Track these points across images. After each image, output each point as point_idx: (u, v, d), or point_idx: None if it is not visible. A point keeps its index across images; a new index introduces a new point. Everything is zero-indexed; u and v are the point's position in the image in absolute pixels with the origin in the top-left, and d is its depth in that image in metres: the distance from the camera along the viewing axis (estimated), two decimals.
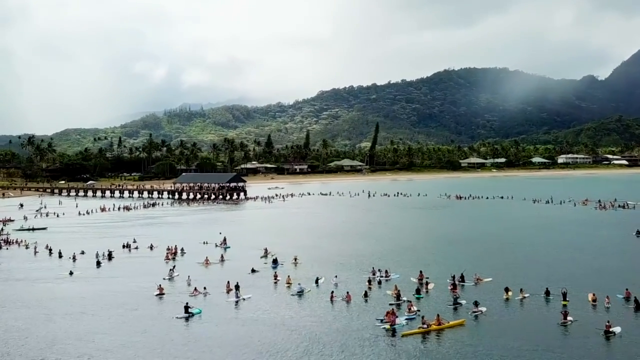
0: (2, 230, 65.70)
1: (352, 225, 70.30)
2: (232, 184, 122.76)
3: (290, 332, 26.97)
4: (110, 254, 47.38)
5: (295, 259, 43.86)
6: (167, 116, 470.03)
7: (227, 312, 30.89)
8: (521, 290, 32.38)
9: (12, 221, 75.52)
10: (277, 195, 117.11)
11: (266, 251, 47.09)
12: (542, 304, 30.85)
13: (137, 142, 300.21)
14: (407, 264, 42.41)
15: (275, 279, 37.60)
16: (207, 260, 44.32)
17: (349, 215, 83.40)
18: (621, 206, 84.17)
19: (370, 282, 35.93)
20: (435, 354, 24.01)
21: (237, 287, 34.07)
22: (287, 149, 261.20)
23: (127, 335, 27.05)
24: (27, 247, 53.53)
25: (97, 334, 27.28)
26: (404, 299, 31.55)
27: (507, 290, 32.43)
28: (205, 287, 34.85)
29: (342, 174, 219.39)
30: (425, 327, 26.61)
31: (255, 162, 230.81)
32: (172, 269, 40.77)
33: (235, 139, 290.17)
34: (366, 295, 32.87)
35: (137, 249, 51.81)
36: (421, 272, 37.08)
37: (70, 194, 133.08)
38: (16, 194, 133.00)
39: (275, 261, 43.19)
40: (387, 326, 27.02)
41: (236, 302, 32.61)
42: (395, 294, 32.29)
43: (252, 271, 40.37)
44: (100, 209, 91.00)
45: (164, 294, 34.13)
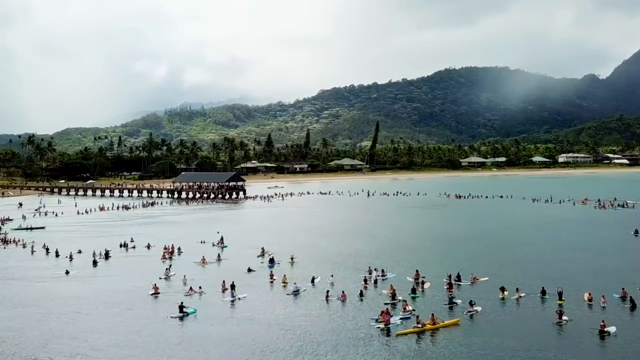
0: (0, 229, 65.67)
1: (350, 224, 70.20)
2: (231, 183, 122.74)
3: (284, 331, 26.91)
4: (107, 253, 47.39)
5: (291, 258, 43.81)
6: (167, 115, 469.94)
7: (222, 312, 30.81)
8: (517, 289, 32.33)
9: (11, 220, 75.55)
10: (276, 194, 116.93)
11: (263, 250, 47.01)
12: (537, 304, 30.76)
13: (137, 141, 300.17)
14: (404, 263, 42.32)
15: (271, 278, 37.58)
16: (203, 259, 44.26)
17: (348, 214, 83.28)
18: (620, 205, 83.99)
19: (366, 281, 35.85)
20: (429, 354, 23.96)
21: (232, 286, 34.08)
22: (287, 148, 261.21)
23: (121, 334, 27.01)
24: (25, 246, 53.54)
25: (91, 333, 27.27)
26: (399, 298, 31.47)
27: (503, 289, 32.37)
28: (200, 287, 34.82)
29: (342, 173, 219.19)
30: (419, 326, 26.55)
31: (255, 161, 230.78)
32: (168, 268, 40.74)
33: (236, 138, 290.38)
34: (362, 294, 32.82)
35: (134, 248, 51.78)
36: (417, 271, 37.02)
37: (69, 193, 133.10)
38: (16, 193, 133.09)
39: (271, 260, 43.13)
40: (382, 325, 26.99)
41: (232, 301, 32.56)
42: (390, 293, 32.22)
43: (249, 270, 40.36)
44: (99, 208, 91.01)
45: (159, 293, 34.11)
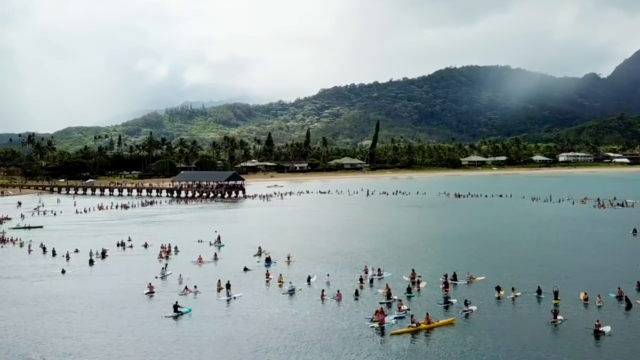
0: None
1: (349, 223, 70.03)
2: (230, 182, 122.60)
3: (279, 331, 26.82)
4: (104, 253, 47.29)
5: (288, 257, 43.71)
6: (168, 114, 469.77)
7: (217, 311, 30.72)
8: (513, 289, 32.21)
9: (9, 219, 75.46)
10: (275, 193, 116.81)
11: (260, 249, 46.88)
12: (533, 303, 30.64)
13: (138, 140, 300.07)
14: (401, 262, 42.22)
15: (267, 277, 37.47)
16: (200, 258, 44.18)
17: (346, 213, 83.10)
18: (620, 204, 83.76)
19: (362, 280, 35.73)
20: (423, 353, 23.86)
21: (228, 285, 34.01)
22: (288, 147, 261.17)
23: (115, 333, 26.94)
24: (22, 246, 53.47)
25: (84, 333, 27.22)
26: (394, 297, 31.37)
27: (499, 289, 32.25)
28: (195, 286, 34.73)
29: (342, 172, 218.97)
30: (414, 326, 26.45)
31: (255, 160, 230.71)
32: (164, 268, 40.64)
33: (236, 137, 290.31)
34: (357, 293, 32.71)
35: (131, 247, 51.68)
36: (413, 270, 36.89)
37: (69, 193, 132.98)
38: (15, 192, 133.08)
39: (268, 259, 43.02)
40: (376, 325, 26.89)
41: (227, 300, 32.47)
42: (385, 292, 32.11)
43: (245, 270, 40.27)
44: (97, 208, 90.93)
45: (154, 293, 34.02)
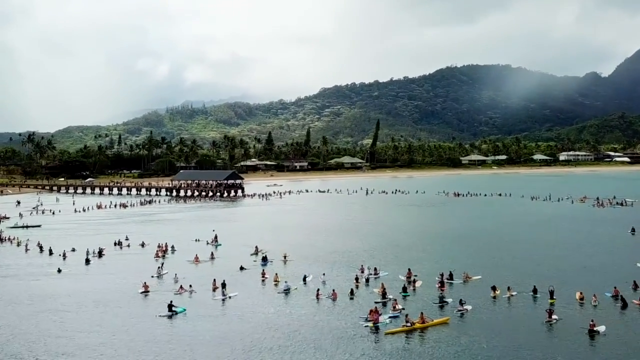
0: None
1: (347, 222, 69.93)
2: (229, 181, 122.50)
3: (273, 330, 26.74)
4: (100, 252, 47.22)
5: (284, 256, 43.62)
6: (169, 113, 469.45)
7: (211, 310, 30.65)
8: (508, 288, 32.13)
9: (8, 218, 75.39)
10: (274, 192, 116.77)
11: (257, 249, 46.77)
12: (529, 302, 30.58)
13: (139, 139, 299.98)
14: (398, 261, 42.13)
15: (263, 276, 37.40)
16: (196, 257, 44.09)
17: (345, 212, 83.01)
18: (619, 204, 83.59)
19: (357, 279, 35.65)
20: (417, 353, 23.78)
21: (223, 285, 33.94)
22: (288, 146, 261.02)
23: (109, 333, 26.88)
24: (19, 245, 53.42)
25: (78, 332, 27.18)
26: (389, 297, 31.27)
27: (495, 288, 32.16)
28: (190, 285, 34.66)
29: (342, 171, 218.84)
30: (408, 325, 26.37)
31: (255, 160, 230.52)
32: (160, 267, 40.57)
33: (237, 136, 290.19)
34: (352, 293, 32.61)
35: (128, 246, 51.62)
36: (409, 269, 36.81)
37: (68, 192, 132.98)
38: (15, 191, 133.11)
39: (264, 259, 42.95)
40: (371, 324, 26.81)
41: (222, 300, 32.41)
42: (381, 292, 32.02)
43: (241, 269, 40.23)
44: (96, 207, 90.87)
45: (149, 292, 33.96)
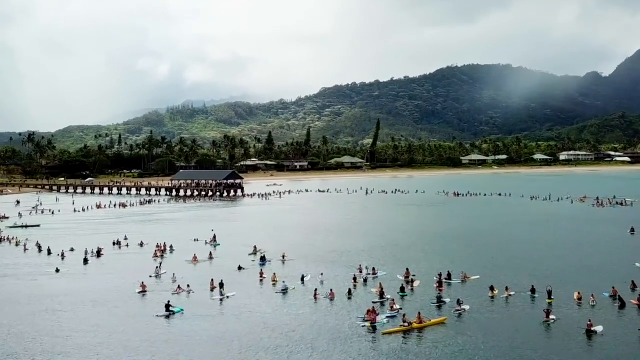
0: None
1: (346, 221, 69.84)
2: (229, 181, 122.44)
3: (270, 330, 26.70)
4: (99, 251, 47.20)
5: (283, 256, 43.57)
6: (169, 113, 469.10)
7: (208, 310, 30.59)
8: (506, 288, 32.05)
9: (7, 218, 75.33)
10: (273, 192, 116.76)
11: (255, 248, 46.72)
12: (526, 302, 30.51)
13: (139, 139, 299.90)
14: (397, 261, 42.09)
15: (260, 276, 37.35)
16: (195, 257, 44.07)
17: (344, 211, 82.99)
18: (619, 203, 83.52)
19: (355, 279, 35.59)
20: (414, 352, 23.71)
21: (221, 284, 33.85)
22: (288, 146, 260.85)
23: (106, 333, 26.84)
24: (17, 244, 53.38)
25: (75, 331, 27.16)
26: (387, 296, 31.21)
27: (492, 288, 32.10)
28: (188, 285, 34.62)
29: (341, 171, 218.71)
30: (405, 325, 26.31)
31: (254, 159, 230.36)
32: (158, 267, 40.51)
33: (237, 135, 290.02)
34: (350, 292, 32.55)
35: (127, 246, 51.56)
36: (407, 269, 36.74)
37: (68, 191, 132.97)
38: (14, 190, 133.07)
39: (263, 258, 42.90)
40: (368, 324, 26.76)
41: (220, 299, 32.35)
42: (378, 291, 31.96)
43: (239, 268, 40.18)
44: (95, 206, 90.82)
45: (146, 292, 33.91)
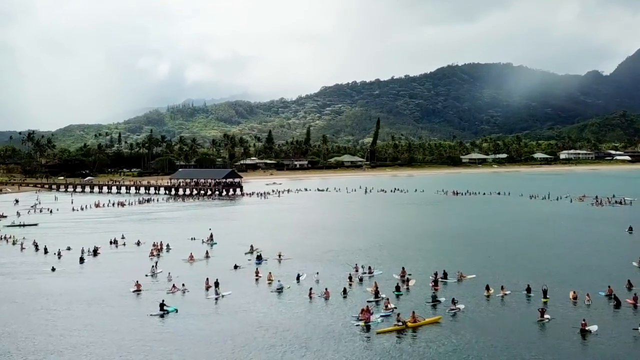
0: None
1: (344, 221, 69.75)
2: (228, 180, 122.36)
3: (264, 329, 26.62)
4: (95, 250, 47.15)
5: (279, 255, 43.51)
6: (170, 112, 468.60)
7: (203, 309, 30.52)
8: (502, 287, 31.97)
9: (5, 217, 75.26)
10: (273, 191, 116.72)
11: (252, 247, 46.64)
12: (522, 302, 30.42)
13: (140, 138, 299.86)
14: (394, 260, 42.00)
15: (256, 275, 37.28)
16: (191, 256, 44.02)
17: (343, 211, 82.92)
18: (618, 202, 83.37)
19: (351, 278, 35.50)
20: (408, 352, 23.64)
21: (216, 284, 33.81)
22: (288, 145, 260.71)
23: (99, 332, 26.78)
24: (15, 243, 53.34)
25: (69, 331, 27.14)
26: (382, 296, 31.11)
27: (488, 287, 32.00)
28: (183, 284, 34.53)
29: (342, 170, 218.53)
30: (400, 324, 26.21)
31: (255, 158, 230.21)
32: (154, 266, 40.45)
33: (238, 134, 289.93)
34: (345, 292, 32.45)
35: (124, 245, 51.54)
36: (403, 268, 36.65)
37: (67, 190, 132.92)
38: (14, 189, 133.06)
39: (259, 257, 42.84)
40: (362, 324, 26.66)
41: (215, 299, 32.28)
42: (373, 291, 31.86)
43: (235, 267, 40.11)
44: (94, 205, 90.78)
45: (141, 291, 33.85)
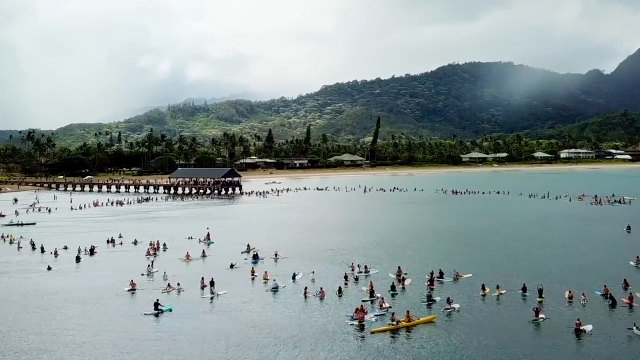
0: None
1: (342, 220, 69.61)
2: (227, 179, 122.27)
3: (258, 329, 26.58)
4: (92, 249, 47.10)
5: (275, 254, 43.41)
6: (170, 111, 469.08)
7: (198, 309, 30.44)
8: (497, 286, 31.86)
9: (3, 216, 75.25)
10: (272, 190, 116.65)
11: (248, 247, 46.54)
12: (517, 301, 30.33)
13: (141, 137, 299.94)
14: (390, 259, 41.92)
15: (252, 274, 37.19)
16: (187, 255, 43.94)
17: (341, 210, 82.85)
18: (617, 201, 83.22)
19: (346, 277, 35.41)
20: (402, 352, 23.57)
21: (212, 283, 33.72)
22: (288, 144, 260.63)
23: (93, 331, 26.73)
24: (12, 242, 53.30)
25: (62, 330, 27.09)
26: (377, 295, 31.02)
27: (484, 287, 31.90)
28: (179, 283, 34.46)
29: (341, 169, 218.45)
30: (394, 323, 26.12)
31: (254, 157, 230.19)
32: (150, 265, 40.40)
33: (238, 133, 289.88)
34: (340, 291, 32.38)
35: (121, 244, 51.47)
36: (399, 267, 36.56)
37: (67, 189, 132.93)
38: (13, 188, 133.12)
39: (255, 256, 42.78)
40: (356, 323, 26.57)
41: (210, 298, 32.21)
42: (369, 290, 31.77)
43: (231, 266, 40.04)
44: (93, 204, 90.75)
45: (136, 290, 33.78)
